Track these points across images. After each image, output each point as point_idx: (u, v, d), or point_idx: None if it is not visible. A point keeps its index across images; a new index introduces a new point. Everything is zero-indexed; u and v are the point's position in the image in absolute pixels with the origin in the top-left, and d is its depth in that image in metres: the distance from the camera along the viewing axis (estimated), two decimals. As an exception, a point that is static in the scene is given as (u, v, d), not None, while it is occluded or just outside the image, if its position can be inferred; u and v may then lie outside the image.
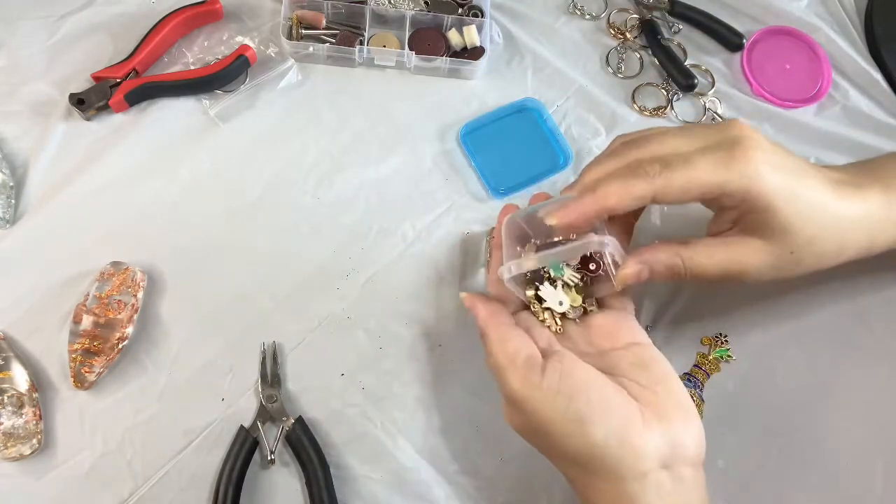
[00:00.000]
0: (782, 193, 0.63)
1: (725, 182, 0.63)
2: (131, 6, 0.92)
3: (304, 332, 0.80)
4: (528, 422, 0.64)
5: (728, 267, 0.67)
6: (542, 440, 0.65)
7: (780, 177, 0.63)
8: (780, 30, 1.00)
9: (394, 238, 0.85)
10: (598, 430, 0.60)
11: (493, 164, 0.88)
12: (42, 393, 0.74)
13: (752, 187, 0.63)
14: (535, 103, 0.92)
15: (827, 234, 0.67)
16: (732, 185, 0.63)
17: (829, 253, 0.68)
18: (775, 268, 0.67)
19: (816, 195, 0.66)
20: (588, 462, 0.62)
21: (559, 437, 0.62)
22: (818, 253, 0.68)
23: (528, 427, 0.65)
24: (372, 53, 0.91)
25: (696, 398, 0.79)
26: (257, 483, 0.74)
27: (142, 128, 0.86)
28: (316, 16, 0.92)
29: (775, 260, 0.67)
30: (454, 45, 0.93)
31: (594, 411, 0.61)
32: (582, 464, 0.63)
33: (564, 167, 0.89)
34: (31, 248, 0.80)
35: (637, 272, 0.67)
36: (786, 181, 0.64)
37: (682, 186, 0.63)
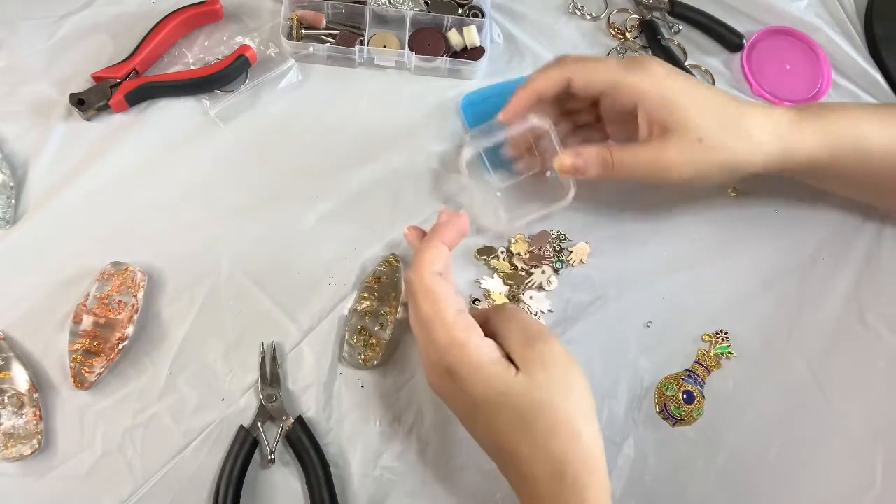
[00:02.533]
0: (678, 88, 0.75)
1: (624, 77, 0.75)
2: (131, 6, 0.92)
3: (304, 331, 0.80)
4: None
5: (650, 165, 0.76)
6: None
7: (676, 79, 0.76)
8: (780, 30, 1.00)
9: (397, 232, 0.85)
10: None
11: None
12: (42, 393, 0.74)
13: (650, 86, 0.75)
14: None
15: (732, 125, 0.76)
16: (630, 81, 0.75)
17: (740, 148, 0.76)
18: (692, 162, 0.75)
19: (713, 94, 0.77)
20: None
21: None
22: (729, 145, 0.75)
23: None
24: (372, 54, 0.91)
25: (697, 394, 0.80)
26: (257, 483, 0.74)
27: (142, 128, 0.86)
28: (316, 16, 0.92)
29: (689, 152, 0.75)
30: (454, 46, 0.93)
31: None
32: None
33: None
34: (31, 249, 0.80)
35: (572, 161, 0.77)
36: (681, 82, 0.76)
37: (589, 75, 0.77)
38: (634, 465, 0.77)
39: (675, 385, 0.80)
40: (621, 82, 0.76)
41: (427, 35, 0.93)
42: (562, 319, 0.83)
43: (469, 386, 0.64)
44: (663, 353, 0.82)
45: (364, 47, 0.91)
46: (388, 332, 0.79)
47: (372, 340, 0.78)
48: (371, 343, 0.78)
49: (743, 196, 0.90)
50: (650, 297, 0.84)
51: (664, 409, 0.79)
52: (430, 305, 0.66)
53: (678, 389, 0.80)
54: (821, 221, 0.89)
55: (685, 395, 0.79)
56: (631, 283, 0.84)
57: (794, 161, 0.77)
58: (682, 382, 0.80)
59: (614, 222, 0.87)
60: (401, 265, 0.81)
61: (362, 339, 0.78)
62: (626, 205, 0.88)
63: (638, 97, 0.75)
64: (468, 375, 0.64)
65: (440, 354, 0.65)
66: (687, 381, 0.80)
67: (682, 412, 0.79)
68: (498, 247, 0.85)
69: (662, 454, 0.78)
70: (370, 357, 0.78)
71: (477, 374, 0.64)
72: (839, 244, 0.88)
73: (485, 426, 0.66)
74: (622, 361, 0.81)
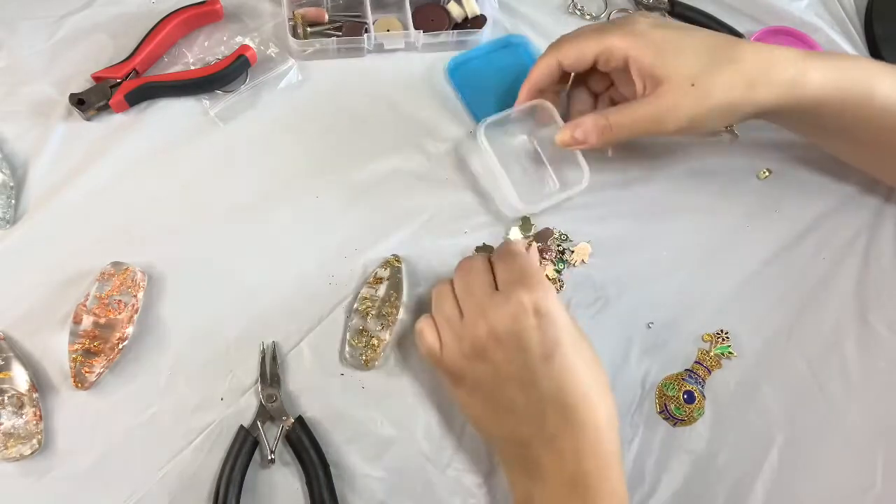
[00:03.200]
0: (663, 37, 0.76)
1: (609, 41, 0.77)
2: (131, 6, 0.92)
3: (304, 331, 0.80)
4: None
5: (647, 119, 0.77)
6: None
7: (662, 29, 0.77)
8: (780, 30, 1.00)
9: (396, 236, 0.85)
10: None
11: (480, 95, 0.90)
12: (42, 393, 0.74)
13: (635, 42, 0.76)
14: (520, 38, 0.96)
15: (724, 66, 0.75)
16: (614, 43, 0.77)
17: (735, 86, 0.75)
18: (687, 107, 0.76)
19: (704, 37, 0.77)
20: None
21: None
22: (722, 86, 0.75)
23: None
24: (380, 39, 0.92)
25: (698, 394, 0.80)
26: (257, 483, 0.74)
27: (142, 128, 0.86)
28: (318, 12, 0.92)
29: (682, 98, 0.75)
30: (455, 17, 0.95)
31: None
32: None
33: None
34: (31, 249, 0.80)
35: (571, 134, 0.80)
36: (666, 31, 0.77)
37: (576, 52, 0.80)
38: (635, 464, 0.77)
39: (676, 385, 0.80)
40: (608, 47, 0.78)
41: (428, 11, 0.94)
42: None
43: (557, 320, 0.68)
44: (664, 352, 0.82)
45: (371, 34, 0.91)
46: (390, 333, 0.79)
47: (373, 341, 0.78)
48: (372, 344, 0.78)
49: (744, 197, 0.90)
50: (651, 298, 0.84)
51: (665, 409, 0.79)
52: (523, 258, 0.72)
53: (679, 389, 0.79)
54: (822, 221, 0.89)
55: (686, 395, 0.79)
56: (632, 284, 0.84)
57: (798, 102, 0.76)
58: (682, 382, 0.80)
59: (615, 223, 0.87)
60: (402, 265, 0.81)
61: (363, 339, 0.78)
62: (628, 205, 0.88)
63: (625, 55, 0.77)
64: (559, 312, 0.68)
65: (535, 294, 0.68)
66: (688, 381, 0.80)
67: (683, 412, 0.79)
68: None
69: (663, 454, 0.78)
70: (371, 358, 0.78)
71: (564, 312, 0.69)
72: (840, 244, 0.88)
73: (560, 366, 0.67)
74: (623, 361, 0.81)
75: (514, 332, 0.67)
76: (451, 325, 0.72)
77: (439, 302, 0.74)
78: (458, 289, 0.73)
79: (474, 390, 0.71)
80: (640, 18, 0.78)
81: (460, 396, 0.73)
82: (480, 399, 0.71)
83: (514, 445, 0.70)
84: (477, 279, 0.72)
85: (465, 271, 0.73)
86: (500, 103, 0.89)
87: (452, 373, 0.72)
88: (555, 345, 0.67)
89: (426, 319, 0.74)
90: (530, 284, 0.68)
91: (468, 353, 0.70)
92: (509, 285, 0.69)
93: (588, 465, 0.66)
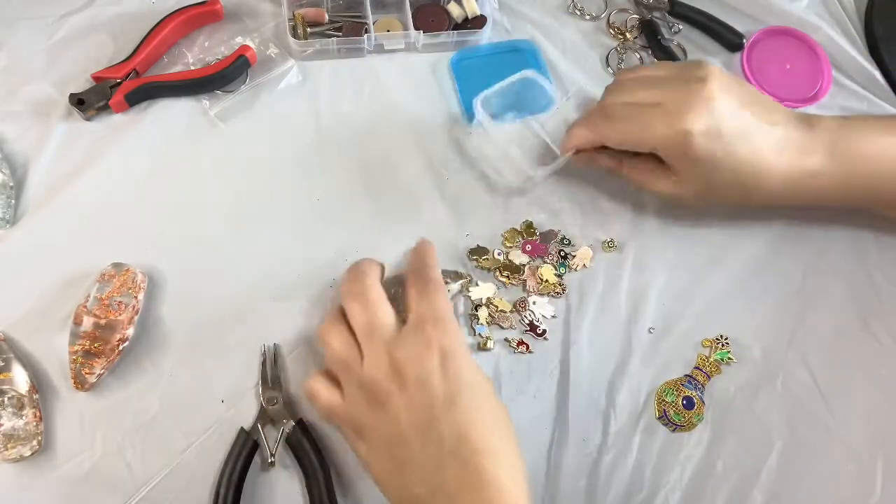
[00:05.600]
0: (705, 159, 0.75)
1: (653, 145, 0.76)
2: (131, 6, 0.92)
3: (305, 333, 0.80)
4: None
5: (656, 187, 0.81)
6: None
7: (708, 145, 0.74)
8: (780, 30, 1.00)
9: (397, 235, 0.84)
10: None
11: (476, 92, 0.89)
12: (42, 394, 0.74)
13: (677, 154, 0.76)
14: (530, 45, 0.96)
15: (741, 187, 0.78)
16: (660, 148, 0.76)
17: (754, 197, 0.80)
18: (694, 197, 0.80)
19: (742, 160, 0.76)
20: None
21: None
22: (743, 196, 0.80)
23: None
24: (380, 39, 0.92)
25: (697, 400, 0.80)
26: (257, 485, 0.74)
27: (142, 128, 0.86)
28: (318, 12, 0.92)
29: (694, 193, 0.79)
30: (455, 18, 0.95)
31: None
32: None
33: (546, 109, 0.91)
34: (31, 249, 0.80)
35: (586, 161, 0.85)
36: (711, 149, 0.74)
37: (618, 140, 0.79)
38: (634, 470, 0.77)
39: (675, 390, 0.80)
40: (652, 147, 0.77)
41: (428, 12, 0.95)
42: (564, 324, 0.82)
43: (461, 363, 0.65)
44: (663, 358, 0.82)
45: (371, 34, 0.91)
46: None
47: None
48: None
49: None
50: (651, 303, 0.84)
51: (664, 414, 0.79)
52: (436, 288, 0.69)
53: (678, 395, 0.80)
54: (822, 227, 0.89)
55: (685, 401, 0.79)
56: (632, 289, 0.84)
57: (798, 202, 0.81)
58: (681, 388, 0.80)
59: (616, 228, 0.87)
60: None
61: None
62: (628, 211, 0.88)
63: (665, 156, 0.77)
64: (466, 356, 0.66)
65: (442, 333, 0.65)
66: (687, 387, 0.80)
67: (682, 418, 0.79)
68: (492, 248, 0.85)
69: (662, 460, 0.78)
70: None
71: (471, 357, 0.66)
72: (841, 250, 0.88)
73: (463, 413, 0.63)
74: (623, 367, 0.81)
75: (417, 375, 0.64)
76: (351, 370, 0.67)
77: (331, 342, 0.69)
78: (354, 323, 0.68)
79: (376, 444, 0.66)
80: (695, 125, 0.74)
81: (363, 452, 0.68)
82: (382, 454, 0.66)
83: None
84: (377, 313, 0.68)
85: (360, 298, 0.69)
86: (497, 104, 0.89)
87: (354, 426, 0.67)
88: (459, 391, 0.64)
89: (316, 377, 0.70)
90: (439, 320, 0.66)
91: (369, 400, 0.65)
92: (417, 321, 0.66)
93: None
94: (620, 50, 0.98)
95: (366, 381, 0.65)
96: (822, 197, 0.80)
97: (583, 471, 0.77)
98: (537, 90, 0.90)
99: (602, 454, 0.77)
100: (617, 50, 0.98)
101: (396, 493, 0.65)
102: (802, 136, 0.77)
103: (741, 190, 0.78)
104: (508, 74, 0.90)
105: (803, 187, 0.78)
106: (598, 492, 0.76)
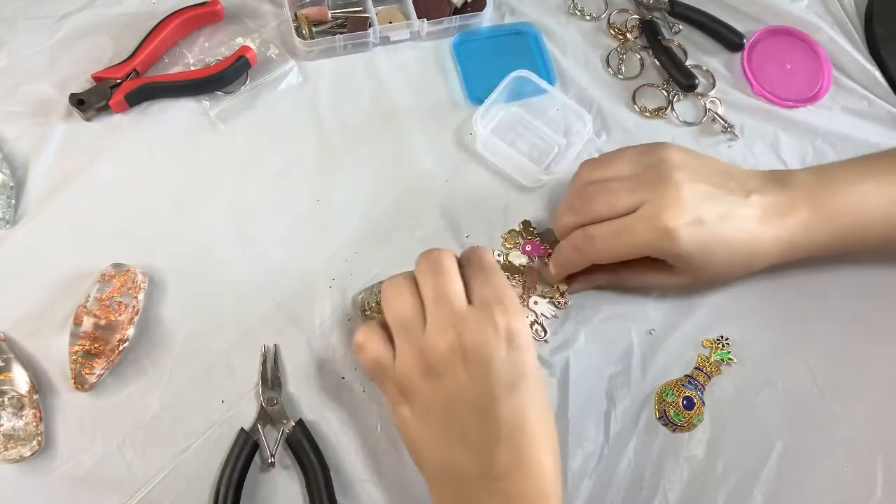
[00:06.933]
0: (694, 250, 0.74)
1: (642, 251, 0.75)
2: (131, 7, 0.92)
3: (305, 334, 0.80)
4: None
5: (654, 285, 0.83)
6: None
7: (694, 235, 0.73)
8: (781, 30, 1.00)
9: (397, 235, 0.85)
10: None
11: (478, 73, 0.91)
12: (42, 394, 0.74)
13: (667, 252, 0.74)
14: (532, 28, 0.97)
15: (737, 266, 0.78)
16: (649, 251, 0.75)
17: (738, 273, 0.80)
18: (692, 286, 0.82)
19: (730, 241, 0.75)
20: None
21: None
22: (728, 275, 0.81)
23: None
24: (385, 31, 0.92)
25: (697, 400, 0.80)
26: (257, 486, 0.74)
27: (142, 129, 0.86)
28: (321, 11, 0.92)
29: (691, 283, 0.81)
30: (455, 3, 0.95)
31: None
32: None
33: (546, 91, 0.91)
34: (31, 249, 0.80)
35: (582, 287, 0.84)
36: (698, 239, 0.73)
37: (609, 257, 0.77)
38: (634, 470, 0.77)
39: (675, 391, 0.80)
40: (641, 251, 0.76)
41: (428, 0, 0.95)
42: (564, 325, 0.83)
43: (526, 352, 0.64)
44: (664, 358, 0.82)
45: (376, 27, 0.92)
46: None
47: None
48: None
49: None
50: (651, 303, 0.84)
51: (664, 415, 0.79)
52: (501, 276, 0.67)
53: (678, 395, 0.80)
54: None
55: (685, 401, 0.79)
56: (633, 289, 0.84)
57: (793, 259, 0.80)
58: (682, 388, 0.80)
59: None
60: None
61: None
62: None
63: (660, 256, 0.76)
64: (530, 343, 0.65)
65: (511, 318, 0.64)
66: (687, 387, 0.80)
67: (682, 418, 0.79)
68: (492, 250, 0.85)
69: (662, 460, 0.78)
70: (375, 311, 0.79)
71: (534, 345, 0.68)
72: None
73: (522, 400, 0.64)
74: (623, 367, 0.81)
75: (484, 353, 0.62)
76: (411, 332, 0.65)
77: (394, 299, 0.67)
78: (424, 289, 0.66)
79: (423, 411, 0.66)
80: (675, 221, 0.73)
81: (404, 414, 0.67)
82: (427, 421, 0.66)
83: (452, 479, 0.66)
84: (450, 285, 0.65)
85: (435, 271, 0.66)
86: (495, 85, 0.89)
87: (402, 387, 0.66)
88: (521, 376, 0.63)
89: (371, 328, 0.69)
90: (508, 307, 0.64)
91: (424, 368, 0.64)
92: (485, 302, 0.64)
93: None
94: (621, 50, 0.98)
95: (426, 348, 0.64)
96: (816, 248, 0.79)
97: (583, 471, 0.77)
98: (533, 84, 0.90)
99: (602, 454, 0.77)
100: (617, 50, 0.98)
101: (436, 461, 0.66)
102: (781, 198, 0.77)
103: (741, 267, 0.79)
104: (510, 57, 0.92)
105: (799, 244, 0.78)
106: (598, 492, 0.76)
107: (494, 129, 0.91)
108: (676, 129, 0.93)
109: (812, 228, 0.77)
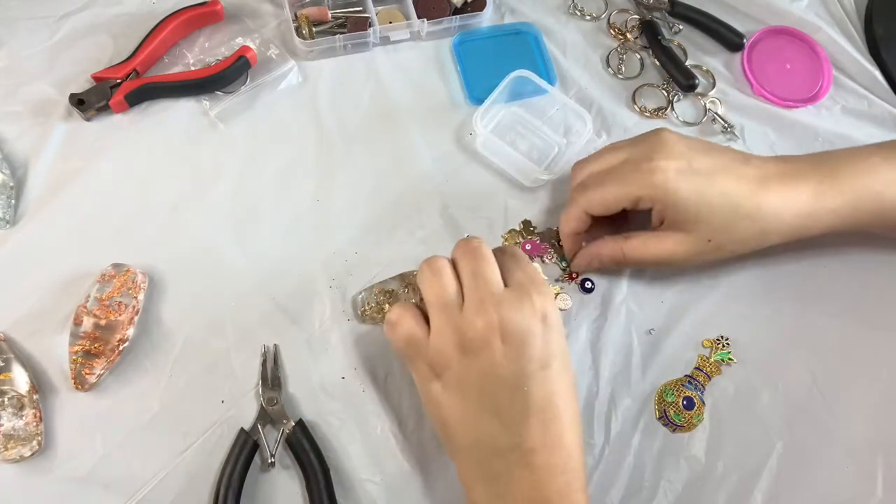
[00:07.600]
0: (689, 195, 0.76)
1: (636, 192, 0.77)
2: (131, 6, 0.92)
3: (305, 334, 0.80)
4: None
5: (658, 255, 0.80)
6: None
7: (687, 180, 0.76)
8: (781, 30, 1.00)
9: (397, 235, 0.85)
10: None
11: (478, 72, 0.92)
12: (42, 394, 0.74)
13: (659, 194, 0.76)
14: (532, 28, 0.97)
15: (743, 223, 0.77)
16: (641, 195, 0.77)
17: (749, 238, 0.79)
18: (699, 253, 0.79)
19: (728, 190, 0.76)
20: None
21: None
22: (737, 239, 0.79)
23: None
24: (385, 31, 0.93)
25: (697, 400, 0.80)
26: (257, 486, 0.74)
27: (142, 128, 0.86)
28: (321, 11, 0.92)
29: (696, 247, 0.79)
30: (455, 3, 0.95)
31: None
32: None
33: (546, 91, 0.91)
34: (31, 249, 0.80)
35: (587, 263, 0.84)
36: (692, 183, 0.76)
37: (600, 202, 0.79)
38: (634, 470, 0.77)
39: (676, 391, 0.80)
40: (634, 200, 0.78)
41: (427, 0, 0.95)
42: (564, 326, 0.82)
43: (557, 333, 0.68)
44: (664, 358, 0.82)
45: (376, 27, 0.92)
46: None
47: (386, 307, 0.80)
48: (384, 308, 0.80)
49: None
50: (652, 303, 0.84)
51: (664, 415, 0.79)
52: (533, 265, 0.72)
53: (678, 395, 0.80)
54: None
55: (685, 401, 0.79)
56: (633, 290, 0.85)
57: (811, 231, 0.79)
58: (682, 388, 0.80)
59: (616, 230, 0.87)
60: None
61: (385, 298, 0.80)
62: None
63: (651, 203, 0.77)
64: (561, 326, 0.68)
65: (545, 300, 0.67)
66: (687, 387, 0.80)
67: (682, 418, 0.79)
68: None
69: (662, 460, 0.78)
70: (372, 316, 0.80)
71: (562, 327, 0.69)
72: (842, 251, 0.88)
73: (554, 378, 0.66)
74: (623, 367, 0.81)
75: (521, 331, 0.65)
76: (448, 309, 0.67)
77: (434, 278, 0.69)
78: (464, 271, 0.68)
79: (456, 387, 0.67)
80: (667, 163, 0.76)
81: (435, 392, 0.69)
82: (460, 397, 0.67)
83: (483, 453, 0.67)
84: (489, 267, 0.68)
85: (473, 256, 0.69)
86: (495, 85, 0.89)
87: (436, 364, 0.68)
88: (553, 356, 0.66)
89: (406, 306, 0.70)
90: (542, 290, 0.67)
91: (461, 344, 0.66)
92: (521, 285, 0.67)
93: (558, 484, 0.65)
94: (621, 50, 0.98)
95: (463, 325, 0.66)
96: (830, 216, 0.78)
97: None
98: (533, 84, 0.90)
99: (602, 454, 0.77)
100: (617, 50, 0.98)
101: (467, 435, 0.68)
102: (785, 167, 0.78)
103: (751, 231, 0.78)
104: (510, 57, 0.92)
105: (814, 212, 0.78)
106: (598, 492, 0.76)
107: (494, 128, 0.91)
108: (676, 128, 0.92)
109: (824, 194, 0.77)
